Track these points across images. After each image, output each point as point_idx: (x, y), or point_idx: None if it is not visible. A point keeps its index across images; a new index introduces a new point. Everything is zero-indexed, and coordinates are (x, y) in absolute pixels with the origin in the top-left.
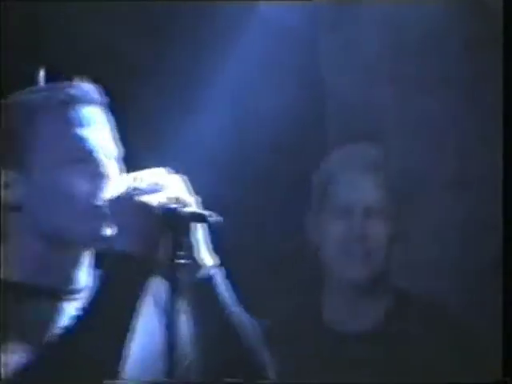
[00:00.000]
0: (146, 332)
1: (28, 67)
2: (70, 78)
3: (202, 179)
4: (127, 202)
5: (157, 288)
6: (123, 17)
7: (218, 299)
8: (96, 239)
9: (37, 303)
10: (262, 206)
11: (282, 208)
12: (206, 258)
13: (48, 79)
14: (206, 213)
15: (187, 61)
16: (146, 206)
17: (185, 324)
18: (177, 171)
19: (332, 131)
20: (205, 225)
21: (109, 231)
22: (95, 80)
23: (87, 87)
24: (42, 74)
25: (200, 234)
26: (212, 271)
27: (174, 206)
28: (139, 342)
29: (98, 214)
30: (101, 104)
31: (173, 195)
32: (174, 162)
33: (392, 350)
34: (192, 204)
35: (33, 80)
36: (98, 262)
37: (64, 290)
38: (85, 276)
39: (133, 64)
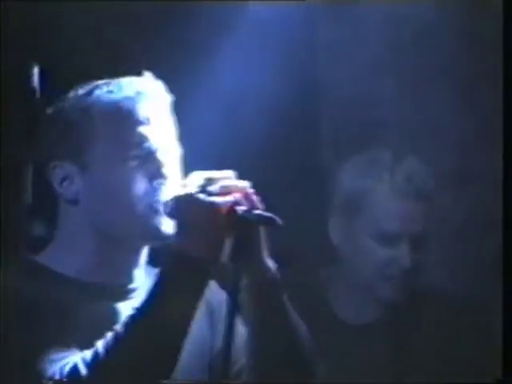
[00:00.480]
0: (196, 336)
1: (24, 64)
2: (137, 73)
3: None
4: (194, 202)
5: (211, 292)
6: (115, 15)
7: (279, 303)
8: (153, 237)
9: (91, 301)
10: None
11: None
12: (268, 261)
13: (42, 76)
14: (273, 216)
15: (177, 61)
16: (213, 207)
17: (241, 327)
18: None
19: (329, 128)
20: (266, 228)
21: (167, 229)
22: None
23: (153, 83)
24: (36, 71)
25: (262, 238)
26: (275, 274)
27: (241, 208)
28: (189, 346)
29: (156, 213)
30: (165, 101)
31: (240, 198)
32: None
33: (392, 345)
34: (258, 208)
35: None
36: (155, 261)
37: (119, 289)
38: (141, 274)
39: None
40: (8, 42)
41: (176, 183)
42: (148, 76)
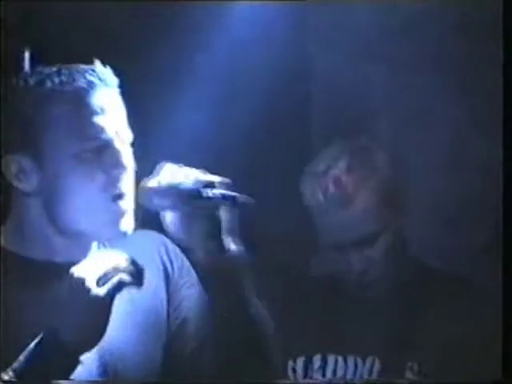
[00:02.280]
0: (145, 323)
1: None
2: (86, 61)
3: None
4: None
5: (167, 257)
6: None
7: (241, 286)
8: (109, 234)
9: (58, 279)
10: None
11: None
12: (232, 243)
13: (33, 60)
14: (237, 194)
15: (166, 61)
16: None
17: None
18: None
19: (319, 117)
20: (232, 210)
21: (125, 226)
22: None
23: (104, 71)
24: (27, 55)
25: (228, 219)
26: (239, 256)
27: (204, 188)
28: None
29: (114, 207)
30: (116, 88)
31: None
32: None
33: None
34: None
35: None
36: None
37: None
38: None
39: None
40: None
41: (132, 173)
42: (97, 63)
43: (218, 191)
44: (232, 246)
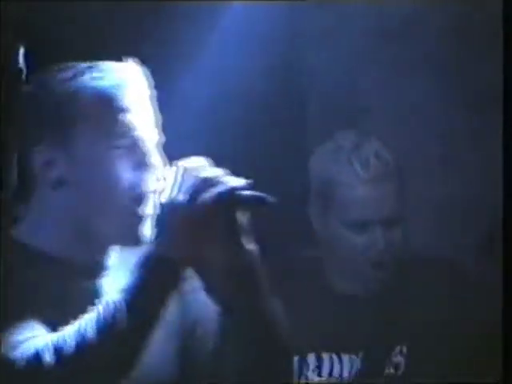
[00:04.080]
0: (165, 337)
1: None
2: (118, 58)
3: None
4: (185, 209)
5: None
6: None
7: (256, 286)
8: (127, 238)
9: (61, 277)
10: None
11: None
12: (249, 243)
13: (28, 57)
14: (264, 195)
15: (165, 59)
16: (198, 212)
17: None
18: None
19: (315, 115)
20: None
21: (147, 232)
22: None
23: (136, 70)
24: (21, 52)
25: (245, 220)
26: (255, 258)
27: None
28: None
29: (136, 210)
30: (147, 88)
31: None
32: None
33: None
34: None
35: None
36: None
37: (92, 266)
38: (111, 256)
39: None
40: None
41: (161, 173)
42: (131, 62)
43: (247, 193)
44: (249, 245)
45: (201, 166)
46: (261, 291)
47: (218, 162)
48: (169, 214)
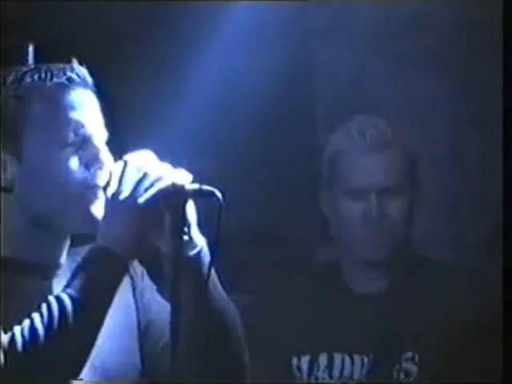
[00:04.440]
0: (120, 329)
1: (17, 43)
2: (64, 60)
3: (190, 166)
4: (130, 203)
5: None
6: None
7: (204, 280)
8: (85, 226)
9: (19, 279)
10: (252, 186)
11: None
12: (199, 236)
13: (37, 56)
14: (211, 188)
15: (167, 59)
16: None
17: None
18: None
19: (323, 112)
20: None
21: (96, 211)
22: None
23: (82, 70)
24: (30, 49)
25: (193, 212)
26: (204, 250)
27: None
28: (113, 338)
29: (93, 199)
30: (93, 87)
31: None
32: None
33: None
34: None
35: (22, 56)
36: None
37: (47, 267)
38: (63, 255)
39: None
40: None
41: (111, 169)
42: (74, 62)
43: (193, 186)
44: (198, 239)
45: (146, 160)
46: (208, 287)
47: (228, 160)
48: (112, 207)
